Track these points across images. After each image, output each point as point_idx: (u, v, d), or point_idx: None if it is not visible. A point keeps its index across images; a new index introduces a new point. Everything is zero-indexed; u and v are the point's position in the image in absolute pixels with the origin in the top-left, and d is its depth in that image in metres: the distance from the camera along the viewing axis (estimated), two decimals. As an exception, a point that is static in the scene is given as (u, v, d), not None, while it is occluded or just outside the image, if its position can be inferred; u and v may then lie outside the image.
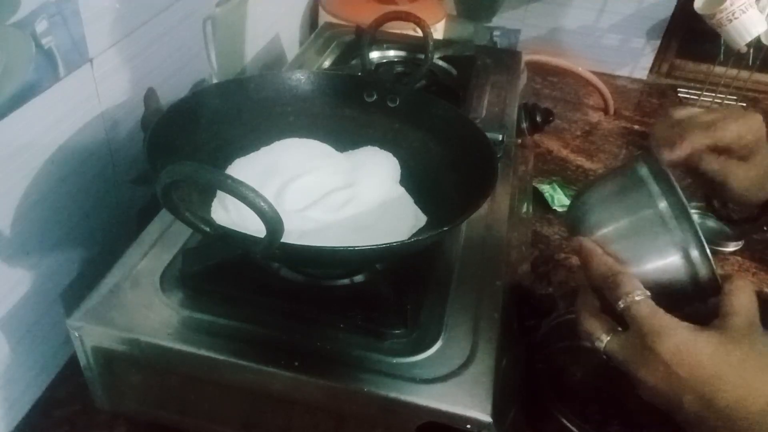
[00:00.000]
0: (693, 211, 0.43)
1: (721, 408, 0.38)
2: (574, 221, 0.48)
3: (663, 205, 0.43)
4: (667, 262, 0.43)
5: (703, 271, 0.42)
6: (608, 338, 0.42)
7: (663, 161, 0.45)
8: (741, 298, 0.40)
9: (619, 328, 0.43)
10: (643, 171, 0.45)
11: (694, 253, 0.42)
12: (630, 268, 0.43)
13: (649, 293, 0.41)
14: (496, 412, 0.45)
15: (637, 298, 0.41)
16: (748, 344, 0.39)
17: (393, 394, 0.46)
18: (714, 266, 0.42)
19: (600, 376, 0.65)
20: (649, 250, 0.43)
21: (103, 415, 0.59)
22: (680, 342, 0.39)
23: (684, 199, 0.42)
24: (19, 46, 0.50)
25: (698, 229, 0.42)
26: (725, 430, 0.38)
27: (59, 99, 0.56)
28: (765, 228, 0.57)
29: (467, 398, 0.46)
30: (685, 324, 0.40)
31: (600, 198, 0.46)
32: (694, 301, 0.44)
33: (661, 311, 0.40)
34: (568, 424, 0.57)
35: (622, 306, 0.41)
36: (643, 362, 0.40)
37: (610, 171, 0.49)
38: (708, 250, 0.42)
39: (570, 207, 0.50)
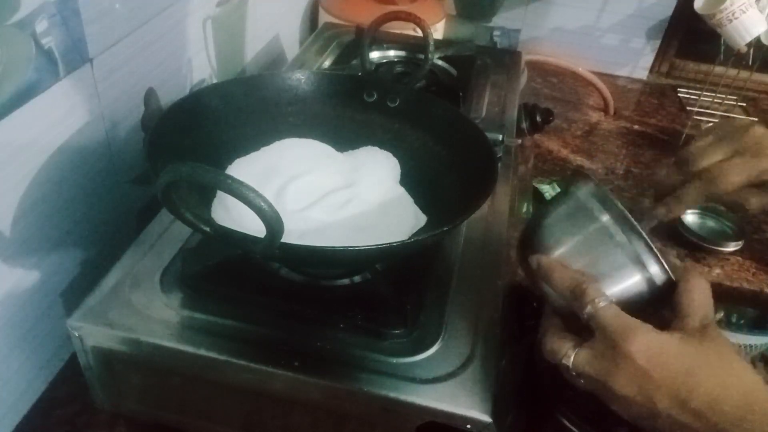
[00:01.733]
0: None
1: (698, 407, 0.37)
2: (527, 247, 0.48)
3: (606, 219, 0.44)
4: (623, 273, 0.43)
5: (658, 276, 0.43)
6: (575, 353, 0.42)
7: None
8: (694, 296, 0.41)
9: (585, 342, 0.42)
10: (581, 193, 0.46)
11: (646, 260, 0.42)
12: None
13: (613, 299, 0.42)
14: (496, 412, 0.45)
15: (601, 304, 0.41)
16: (709, 342, 0.39)
17: (393, 394, 0.46)
18: (667, 268, 0.42)
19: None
20: (604, 265, 0.44)
21: (103, 415, 0.59)
22: (648, 341, 0.39)
23: (624, 210, 0.43)
24: (19, 46, 0.50)
25: (644, 234, 0.42)
26: (704, 429, 0.37)
27: (59, 99, 0.56)
28: None
29: (467, 398, 0.46)
30: (649, 326, 0.40)
31: (550, 224, 0.48)
32: (658, 305, 0.44)
33: (625, 314, 0.40)
34: (568, 425, 0.57)
35: (588, 313, 0.41)
36: (614, 368, 0.39)
37: (554, 197, 0.50)
38: (657, 254, 0.42)
39: (522, 236, 0.50)
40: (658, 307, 0.44)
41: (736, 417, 0.37)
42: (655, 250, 0.42)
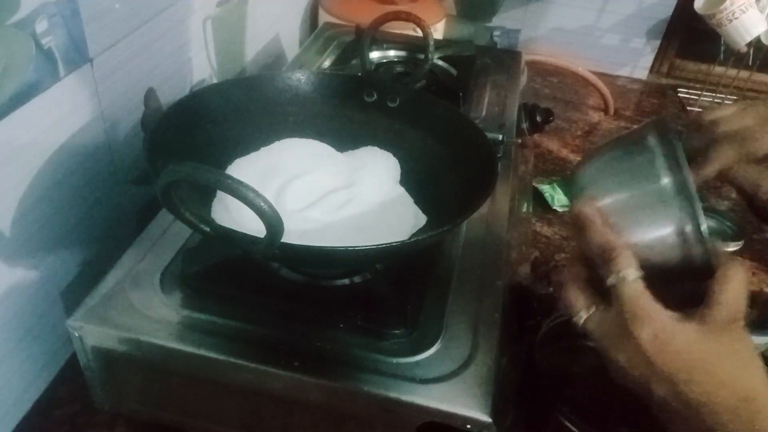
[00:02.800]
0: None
1: (690, 401, 0.37)
2: (578, 184, 0.46)
3: (666, 181, 0.41)
4: (663, 236, 0.41)
5: (697, 252, 0.41)
6: (588, 313, 0.41)
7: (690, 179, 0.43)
8: (730, 287, 0.39)
9: (602, 306, 0.41)
10: (653, 141, 0.43)
11: (690, 233, 0.40)
12: (626, 237, 0.42)
13: (642, 273, 0.40)
14: (496, 412, 0.45)
15: (628, 278, 0.39)
16: (728, 339, 0.38)
17: (393, 394, 0.46)
18: (710, 249, 0.40)
19: (600, 376, 0.65)
20: (647, 222, 0.42)
21: (103, 415, 0.59)
22: (659, 330, 0.38)
23: (689, 178, 0.41)
24: (19, 46, 0.50)
25: (699, 209, 0.40)
26: (694, 422, 0.37)
27: (59, 99, 0.56)
28: None
29: (467, 398, 0.46)
30: (669, 313, 0.39)
31: (606, 163, 0.45)
32: (689, 281, 0.42)
33: (647, 295, 0.39)
34: (568, 425, 0.57)
35: (611, 282, 0.40)
36: (620, 343, 0.39)
37: (620, 136, 0.47)
38: (705, 232, 0.40)
39: (577, 171, 0.48)
40: (687, 281, 0.42)
41: (728, 419, 0.36)
42: (705, 228, 0.40)
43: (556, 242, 0.89)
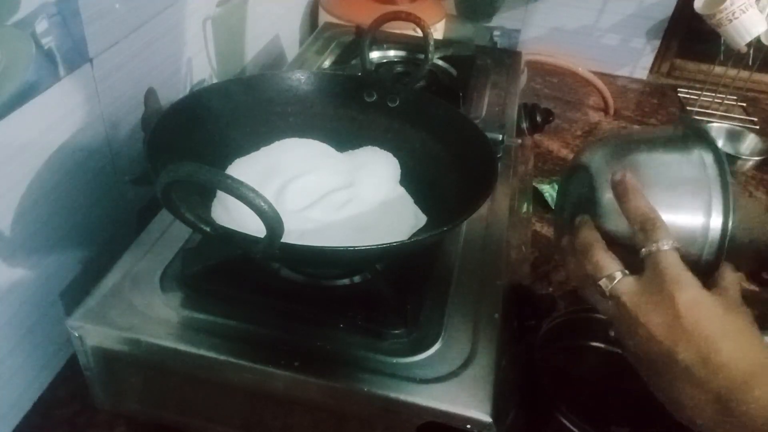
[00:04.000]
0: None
1: (714, 366, 0.38)
2: (607, 161, 0.47)
3: (712, 192, 0.43)
4: (686, 231, 0.43)
5: (710, 252, 0.43)
6: (621, 276, 0.42)
7: None
8: (729, 275, 0.43)
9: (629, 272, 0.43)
10: (697, 154, 0.44)
11: (712, 235, 0.42)
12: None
13: (679, 246, 0.42)
14: (496, 412, 0.45)
15: (666, 247, 0.41)
16: (744, 315, 0.41)
17: (393, 394, 0.46)
18: (723, 253, 0.43)
19: (600, 376, 0.65)
20: (675, 214, 0.43)
21: (103, 415, 0.59)
22: (695, 295, 0.40)
23: (730, 186, 0.42)
24: (19, 46, 0.50)
25: (730, 218, 0.42)
26: (712, 386, 0.38)
27: (59, 99, 0.56)
28: None
29: (467, 398, 0.46)
30: (699, 282, 0.41)
31: (650, 160, 0.45)
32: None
33: (683, 264, 0.41)
34: (568, 424, 0.57)
35: (650, 250, 0.41)
36: (654, 306, 0.41)
37: (667, 136, 0.47)
38: (728, 233, 0.42)
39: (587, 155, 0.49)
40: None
41: (743, 381, 0.38)
42: (726, 242, 0.43)
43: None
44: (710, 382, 0.38)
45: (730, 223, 0.42)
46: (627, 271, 0.43)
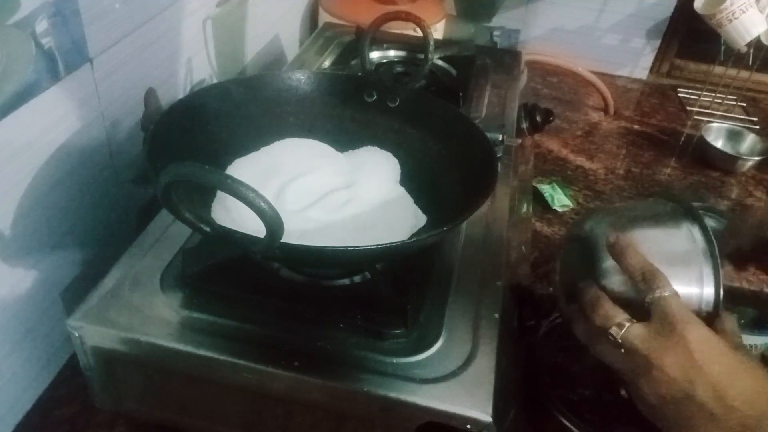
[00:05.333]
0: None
1: (730, 403, 0.40)
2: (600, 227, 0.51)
3: (695, 246, 0.47)
4: (685, 295, 0.45)
5: (709, 305, 0.46)
6: (630, 324, 0.44)
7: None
8: (732, 321, 0.45)
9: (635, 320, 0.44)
10: (693, 230, 0.48)
11: (707, 298, 0.46)
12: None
13: (678, 293, 0.44)
14: (496, 412, 0.45)
15: (667, 294, 0.44)
16: (749, 355, 0.43)
17: (393, 394, 0.46)
18: (720, 303, 0.46)
19: (600, 376, 0.65)
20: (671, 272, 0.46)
21: (103, 415, 0.59)
22: (704, 334, 0.42)
23: (716, 248, 0.46)
24: (19, 46, 0.50)
25: (720, 274, 0.46)
26: (730, 423, 0.40)
27: (59, 99, 0.56)
28: None
29: (467, 398, 0.46)
30: (704, 324, 0.43)
31: (641, 237, 0.48)
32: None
33: (687, 307, 0.43)
34: (568, 424, 0.57)
35: (653, 297, 0.44)
36: (666, 348, 0.42)
37: (650, 214, 0.51)
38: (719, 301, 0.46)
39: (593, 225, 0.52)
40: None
41: (758, 418, 0.40)
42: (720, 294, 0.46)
43: (556, 242, 0.89)
44: (728, 420, 0.40)
45: (721, 291, 0.46)
46: (634, 320, 0.44)
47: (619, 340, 0.44)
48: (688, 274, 0.46)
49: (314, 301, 0.52)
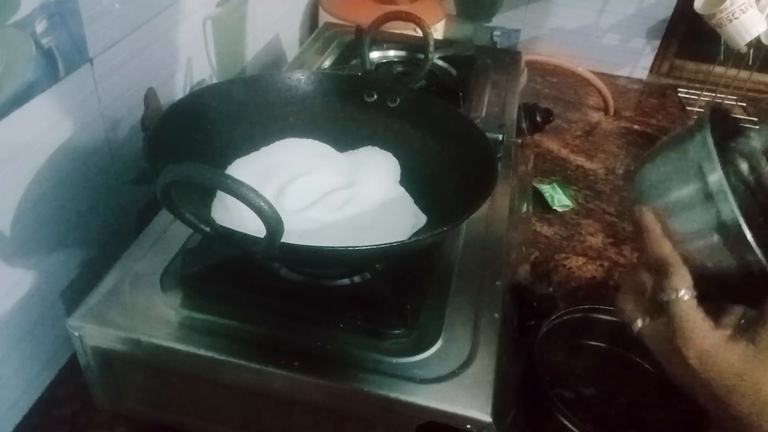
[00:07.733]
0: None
1: (734, 414, 0.38)
2: (636, 187, 0.44)
3: (701, 184, 0.39)
4: (712, 243, 0.39)
5: (753, 260, 0.38)
6: (642, 324, 0.43)
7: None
8: (739, 311, 0.41)
9: (656, 316, 0.42)
10: (689, 141, 0.41)
11: (736, 239, 0.38)
12: (683, 243, 0.41)
13: (695, 293, 0.40)
14: (496, 412, 0.45)
15: (681, 297, 0.40)
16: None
17: (393, 394, 0.46)
18: (761, 258, 0.38)
19: (600, 376, 0.65)
20: (695, 227, 0.40)
21: (103, 415, 0.59)
22: (708, 348, 0.39)
23: (724, 180, 0.38)
24: (19, 46, 0.50)
25: (738, 213, 0.38)
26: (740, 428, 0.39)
27: (59, 99, 0.56)
28: None
29: (467, 398, 0.46)
30: (719, 332, 0.39)
31: (657, 166, 0.43)
32: (746, 292, 0.41)
33: (697, 315, 0.40)
34: (568, 424, 0.57)
35: (665, 298, 0.41)
36: (668, 356, 0.41)
37: (673, 134, 0.44)
38: (750, 238, 0.37)
39: (635, 170, 0.46)
40: (745, 292, 0.41)
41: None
42: (749, 237, 0.38)
43: (556, 242, 0.89)
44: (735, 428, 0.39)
45: (747, 233, 0.37)
46: (649, 318, 0.43)
47: (636, 335, 0.44)
48: (709, 222, 0.39)
49: (314, 301, 0.52)
